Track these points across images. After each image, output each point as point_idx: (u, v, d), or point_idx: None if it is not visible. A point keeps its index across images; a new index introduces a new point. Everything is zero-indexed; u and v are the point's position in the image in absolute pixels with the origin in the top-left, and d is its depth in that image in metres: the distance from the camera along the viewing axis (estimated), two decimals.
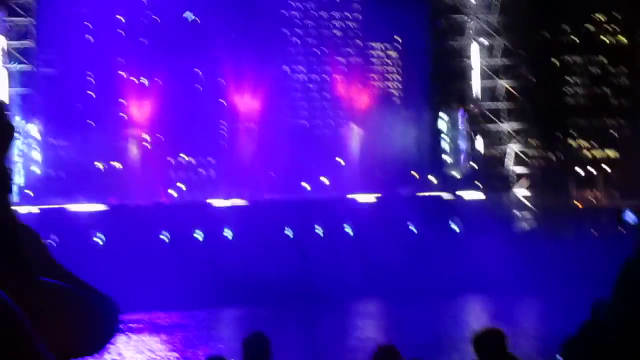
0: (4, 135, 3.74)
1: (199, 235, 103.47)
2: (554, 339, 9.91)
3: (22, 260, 3.76)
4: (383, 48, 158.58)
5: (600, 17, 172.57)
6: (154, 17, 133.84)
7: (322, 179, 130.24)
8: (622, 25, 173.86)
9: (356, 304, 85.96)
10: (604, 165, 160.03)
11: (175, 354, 64.38)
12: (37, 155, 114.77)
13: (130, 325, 69.28)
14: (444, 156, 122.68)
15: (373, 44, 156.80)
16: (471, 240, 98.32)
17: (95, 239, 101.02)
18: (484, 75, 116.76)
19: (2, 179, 3.78)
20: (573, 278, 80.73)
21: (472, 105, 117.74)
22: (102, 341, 4.04)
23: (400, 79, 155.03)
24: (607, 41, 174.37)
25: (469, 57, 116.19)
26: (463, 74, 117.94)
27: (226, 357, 10.68)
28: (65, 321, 3.89)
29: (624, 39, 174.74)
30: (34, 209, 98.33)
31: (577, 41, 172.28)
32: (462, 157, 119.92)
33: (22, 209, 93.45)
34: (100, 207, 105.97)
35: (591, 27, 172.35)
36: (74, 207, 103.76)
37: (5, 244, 3.66)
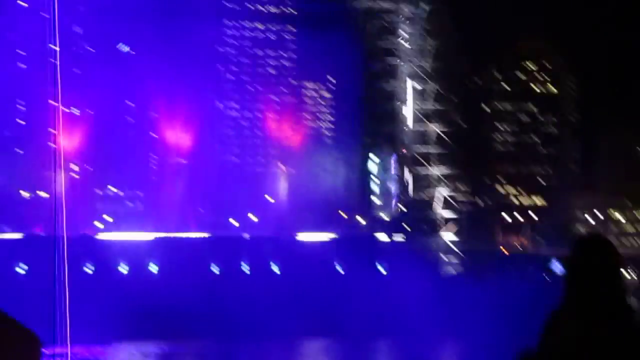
0: None
1: (123, 268, 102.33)
2: None
3: None
4: (316, 88, 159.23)
5: (531, 65, 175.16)
6: (88, 47, 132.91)
7: (251, 216, 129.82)
8: (552, 75, 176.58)
9: (280, 342, 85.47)
10: (530, 213, 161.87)
11: None
12: None
13: (51, 358, 68.10)
14: (373, 198, 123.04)
15: (306, 84, 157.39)
16: (397, 282, 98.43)
17: (17, 268, 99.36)
18: (416, 119, 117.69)
19: None
20: (496, 323, 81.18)
21: (403, 149, 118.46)
22: None
23: (332, 119, 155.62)
24: (537, 90, 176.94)
25: (401, 101, 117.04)
26: (395, 117, 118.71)
27: None
28: None
29: (553, 89, 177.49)
30: None
31: (508, 89, 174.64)
32: (392, 199, 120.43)
33: None
34: (21, 236, 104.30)
35: (522, 76, 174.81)
36: None
37: None
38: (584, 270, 6.13)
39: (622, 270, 6.34)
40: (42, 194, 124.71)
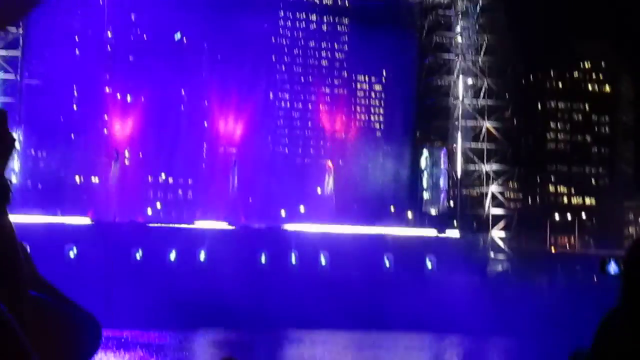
0: (6, 146, 3.69)
1: (172, 255, 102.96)
2: None
3: (15, 272, 3.70)
4: (369, 81, 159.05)
5: (586, 64, 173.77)
6: (141, 34, 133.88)
7: (300, 207, 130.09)
8: (607, 75, 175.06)
9: (326, 335, 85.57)
10: (581, 212, 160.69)
11: None
12: (14, 164, 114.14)
13: (105, 342, 68.71)
14: (423, 193, 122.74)
15: (359, 77, 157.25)
16: (444, 279, 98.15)
17: (70, 253, 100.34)
18: (468, 115, 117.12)
19: (3, 190, 3.74)
20: (545, 323, 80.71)
21: (454, 145, 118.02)
22: (84, 356, 3.96)
23: (384, 113, 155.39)
24: (591, 89, 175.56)
25: (453, 96, 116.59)
26: (447, 113, 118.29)
27: None
28: (52, 336, 3.80)
29: (607, 88, 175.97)
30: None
31: (562, 87, 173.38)
32: (441, 195, 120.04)
33: None
34: (76, 221, 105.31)
35: (576, 74, 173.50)
36: (49, 219, 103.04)
37: (2, 255, 3.59)
38: None
39: None
40: (95, 179, 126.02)
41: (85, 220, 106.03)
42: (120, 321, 74.36)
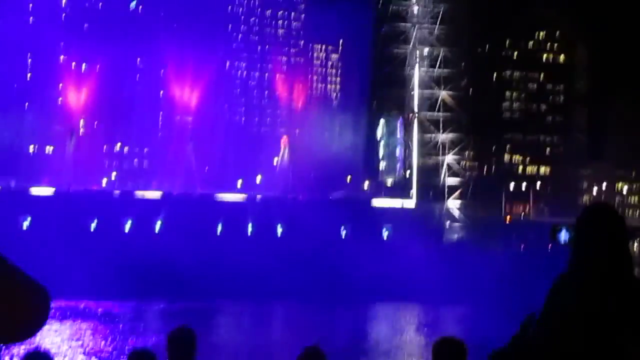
0: None
1: (127, 225, 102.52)
2: (478, 349, 9.89)
3: None
4: (325, 49, 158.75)
5: (541, 34, 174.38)
6: (96, 2, 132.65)
7: (256, 177, 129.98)
8: (562, 44, 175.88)
9: (280, 306, 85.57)
10: (535, 181, 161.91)
11: (104, 343, 63.73)
12: None
13: (59, 312, 68.33)
14: (379, 162, 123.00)
15: (315, 46, 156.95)
16: (400, 248, 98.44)
17: (22, 222, 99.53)
18: (424, 85, 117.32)
19: None
20: (499, 290, 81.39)
21: (410, 114, 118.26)
22: (33, 328, 3.96)
23: (340, 82, 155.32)
24: (545, 58, 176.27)
25: (410, 65, 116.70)
26: (403, 82, 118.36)
27: (151, 351, 10.50)
28: None
29: (562, 57, 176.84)
30: None
31: (517, 56, 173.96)
32: (397, 164, 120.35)
33: None
34: (29, 190, 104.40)
35: (531, 44, 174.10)
36: (2, 189, 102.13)
37: None
38: (592, 239, 6.16)
39: (629, 241, 6.36)
40: (49, 148, 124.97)
41: (40, 190, 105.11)
42: (76, 291, 74.01)
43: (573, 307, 5.80)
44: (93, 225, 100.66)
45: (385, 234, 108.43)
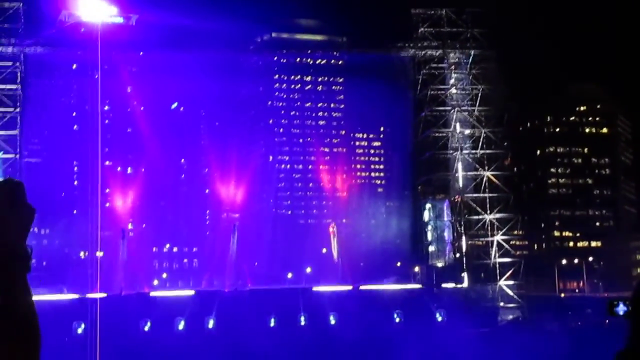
0: (28, 218, 3.89)
1: (181, 324, 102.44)
2: None
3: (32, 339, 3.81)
4: (367, 137, 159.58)
5: (582, 107, 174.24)
6: (138, 105, 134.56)
7: (306, 269, 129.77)
8: (603, 116, 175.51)
9: None
10: (587, 256, 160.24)
11: None
12: None
13: None
14: (429, 247, 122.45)
15: (357, 134, 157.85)
16: (455, 331, 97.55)
17: (77, 329, 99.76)
18: (468, 166, 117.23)
19: (26, 261, 3.96)
20: None
21: (456, 196, 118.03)
22: None
23: (383, 168, 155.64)
24: (588, 131, 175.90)
25: (452, 148, 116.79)
26: (446, 165, 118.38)
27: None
28: None
29: (605, 130, 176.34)
30: None
31: (559, 131, 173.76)
32: (446, 247, 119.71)
33: None
34: (81, 296, 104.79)
35: (573, 118, 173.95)
36: (54, 297, 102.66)
37: (23, 328, 3.70)
38: None
39: None
40: (99, 254, 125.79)
41: (92, 296, 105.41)
42: None
43: None
44: (147, 327, 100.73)
45: (439, 317, 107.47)
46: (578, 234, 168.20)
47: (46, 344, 4.16)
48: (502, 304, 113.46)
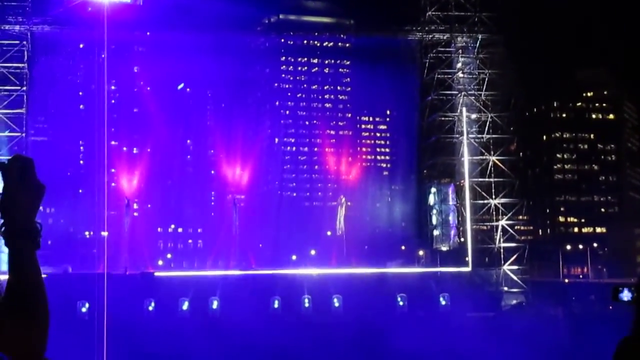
0: (38, 195, 3.92)
1: (185, 305, 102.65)
2: None
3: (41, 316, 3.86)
4: (373, 121, 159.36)
5: (588, 93, 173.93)
6: (144, 86, 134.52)
7: (310, 251, 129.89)
8: (610, 102, 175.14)
9: None
10: (592, 242, 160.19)
11: None
12: None
13: None
14: (434, 231, 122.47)
15: (363, 117, 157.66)
16: (458, 315, 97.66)
17: (81, 308, 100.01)
18: (473, 150, 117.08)
19: (35, 237, 4.01)
20: (562, 355, 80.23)
21: (462, 181, 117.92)
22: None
23: (388, 151, 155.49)
24: (595, 117, 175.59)
25: (458, 132, 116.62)
26: (452, 149, 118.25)
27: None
28: None
29: (611, 116, 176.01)
30: None
31: (565, 117, 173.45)
32: (451, 231, 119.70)
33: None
34: (86, 275, 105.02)
35: (580, 104, 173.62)
36: (59, 275, 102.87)
37: (33, 304, 3.75)
38: None
39: None
40: (104, 233, 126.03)
41: (94, 274, 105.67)
42: None
43: None
44: (151, 307, 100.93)
45: (443, 301, 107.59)
46: (583, 220, 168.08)
47: (51, 322, 4.20)
48: (505, 288, 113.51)
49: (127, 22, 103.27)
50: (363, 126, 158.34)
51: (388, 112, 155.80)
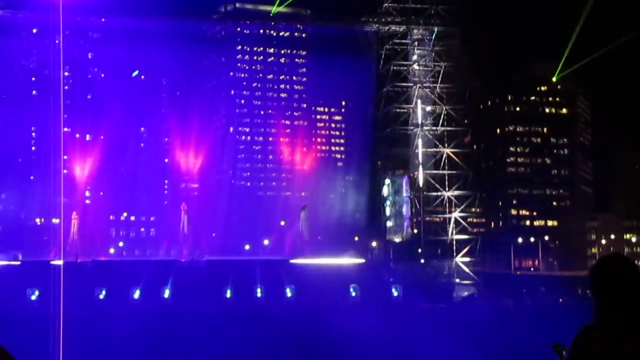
0: None
1: (136, 293, 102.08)
2: None
3: None
4: (328, 111, 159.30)
5: (542, 88, 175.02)
6: (98, 72, 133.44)
7: (264, 241, 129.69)
8: (564, 97, 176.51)
9: None
10: (543, 235, 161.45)
11: None
12: None
13: None
14: (387, 222, 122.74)
15: (318, 107, 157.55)
16: (411, 306, 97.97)
17: (30, 295, 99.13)
18: (428, 142, 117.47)
19: None
20: (514, 343, 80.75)
21: (415, 172, 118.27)
22: None
23: (343, 142, 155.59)
24: (548, 112, 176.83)
25: (413, 124, 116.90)
26: (407, 141, 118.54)
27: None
28: None
29: (564, 110, 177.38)
30: None
31: (519, 111, 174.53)
32: (404, 222, 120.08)
33: None
34: (36, 262, 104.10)
35: (533, 98, 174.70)
36: (7, 263, 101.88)
37: None
38: (616, 287, 6.09)
39: None
40: (56, 220, 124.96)
41: (45, 262, 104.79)
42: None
43: (602, 356, 5.68)
44: (102, 295, 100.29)
45: (395, 292, 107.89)
46: (535, 213, 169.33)
47: (1, 309, 4.05)
48: (458, 280, 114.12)
49: (82, 8, 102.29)
50: (318, 116, 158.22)
51: (344, 103, 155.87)
